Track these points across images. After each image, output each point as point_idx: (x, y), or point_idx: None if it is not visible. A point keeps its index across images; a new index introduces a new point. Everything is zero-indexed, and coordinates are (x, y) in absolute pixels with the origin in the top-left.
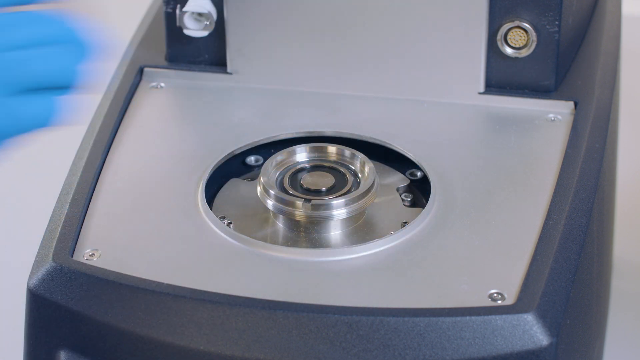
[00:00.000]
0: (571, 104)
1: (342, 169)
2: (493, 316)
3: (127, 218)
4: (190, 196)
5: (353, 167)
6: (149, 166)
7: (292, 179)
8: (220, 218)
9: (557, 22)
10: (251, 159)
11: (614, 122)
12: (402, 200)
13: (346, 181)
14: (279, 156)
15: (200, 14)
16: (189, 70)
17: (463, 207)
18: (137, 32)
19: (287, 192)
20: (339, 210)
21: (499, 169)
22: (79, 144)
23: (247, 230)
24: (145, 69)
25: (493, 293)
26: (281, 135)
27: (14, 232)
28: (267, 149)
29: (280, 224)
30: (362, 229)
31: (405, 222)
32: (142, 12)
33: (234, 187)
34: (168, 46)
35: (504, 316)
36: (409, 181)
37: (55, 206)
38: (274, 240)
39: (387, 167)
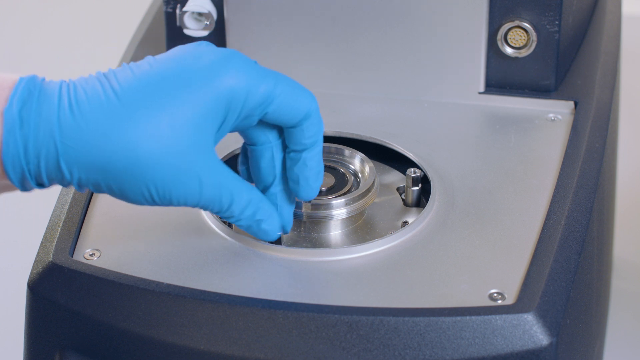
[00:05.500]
0: (571, 103)
1: (342, 169)
2: (493, 316)
3: (127, 218)
4: None
5: (353, 167)
6: None
7: None
8: (220, 218)
9: (557, 22)
10: None
11: (614, 122)
12: (402, 200)
13: (346, 181)
14: None
15: (200, 14)
16: None
17: (463, 207)
18: (137, 32)
19: None
20: (339, 210)
21: (499, 169)
22: None
23: None
24: None
25: (493, 293)
26: None
27: (14, 232)
28: None
29: None
30: (362, 229)
31: (405, 222)
32: (142, 12)
33: None
34: (168, 46)
35: (504, 316)
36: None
37: (55, 206)
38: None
39: (387, 167)
